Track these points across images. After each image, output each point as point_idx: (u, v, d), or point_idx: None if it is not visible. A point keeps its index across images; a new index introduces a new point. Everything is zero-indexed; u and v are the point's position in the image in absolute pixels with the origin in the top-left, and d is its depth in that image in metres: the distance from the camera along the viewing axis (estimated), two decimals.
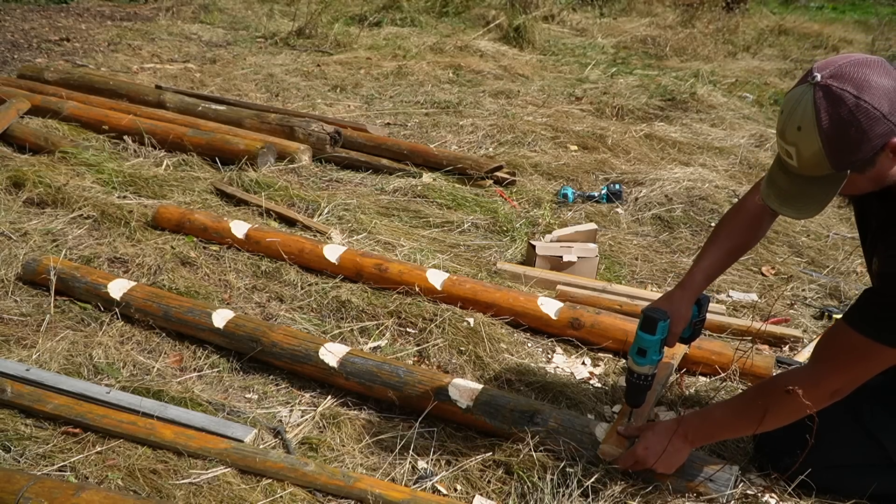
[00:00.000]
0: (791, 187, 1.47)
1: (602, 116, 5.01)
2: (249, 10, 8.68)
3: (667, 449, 1.68)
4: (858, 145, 1.36)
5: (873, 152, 1.37)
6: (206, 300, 2.49)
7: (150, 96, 4.49)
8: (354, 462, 1.83)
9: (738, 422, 1.69)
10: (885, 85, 1.34)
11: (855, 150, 1.37)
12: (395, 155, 3.92)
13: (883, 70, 1.36)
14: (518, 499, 1.73)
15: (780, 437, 1.80)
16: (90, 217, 3.06)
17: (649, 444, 1.70)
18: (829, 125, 1.35)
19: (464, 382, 1.97)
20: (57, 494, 1.53)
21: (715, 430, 1.71)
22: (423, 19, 8.25)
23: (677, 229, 3.33)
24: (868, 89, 1.34)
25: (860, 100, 1.34)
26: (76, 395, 1.96)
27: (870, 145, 1.36)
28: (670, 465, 1.69)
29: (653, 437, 1.71)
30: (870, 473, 1.73)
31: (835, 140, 1.36)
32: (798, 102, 1.39)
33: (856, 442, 1.72)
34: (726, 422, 1.70)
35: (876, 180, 1.44)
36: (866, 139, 1.35)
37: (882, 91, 1.34)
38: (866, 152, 1.37)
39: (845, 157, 1.38)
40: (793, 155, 1.42)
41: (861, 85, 1.34)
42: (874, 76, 1.35)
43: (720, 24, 8.34)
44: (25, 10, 7.83)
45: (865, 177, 1.42)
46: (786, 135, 1.42)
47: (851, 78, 1.35)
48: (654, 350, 1.70)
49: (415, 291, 2.53)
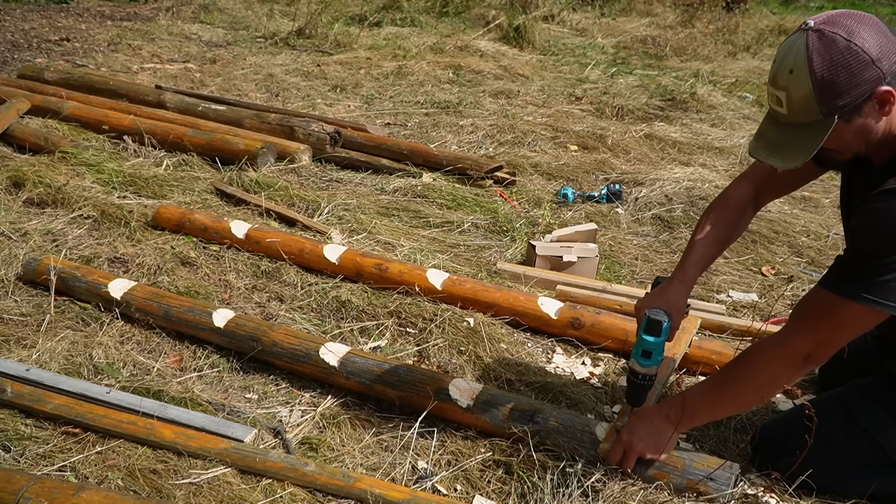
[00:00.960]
0: (779, 137, 1.49)
1: (602, 116, 5.01)
2: (249, 10, 8.68)
3: (650, 430, 1.69)
4: (847, 89, 1.39)
5: (861, 98, 1.40)
6: (206, 300, 2.49)
7: (150, 96, 4.49)
8: (354, 462, 1.83)
9: (717, 396, 1.68)
10: (875, 34, 1.39)
11: (843, 94, 1.39)
12: (395, 155, 3.92)
13: (873, 23, 1.41)
14: (518, 499, 1.73)
15: (780, 437, 1.81)
16: (90, 217, 3.06)
17: (633, 428, 1.71)
18: (821, 66, 1.38)
19: (464, 382, 1.97)
20: (57, 494, 1.53)
21: (696, 407, 1.69)
22: (423, 19, 8.25)
23: (677, 229, 3.33)
24: (858, 35, 1.38)
25: (851, 43, 1.37)
26: (76, 395, 1.96)
27: (858, 90, 1.39)
28: (656, 448, 1.69)
29: (636, 421, 1.72)
30: (869, 473, 1.73)
31: (824, 82, 1.38)
32: (790, 48, 1.43)
33: (853, 442, 1.72)
34: (706, 396, 1.70)
35: (861, 134, 1.45)
36: (854, 84, 1.38)
37: (872, 38, 1.38)
38: (854, 97, 1.39)
39: (833, 101, 1.40)
40: (783, 101, 1.44)
41: (852, 30, 1.38)
42: (865, 25, 1.39)
43: (720, 24, 8.34)
44: (25, 10, 7.83)
45: (851, 128, 1.44)
46: (777, 80, 1.44)
47: (843, 24, 1.39)
48: (658, 351, 1.70)
49: (415, 291, 2.53)
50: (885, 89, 1.39)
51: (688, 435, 1.98)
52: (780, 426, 1.89)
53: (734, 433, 1.97)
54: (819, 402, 1.78)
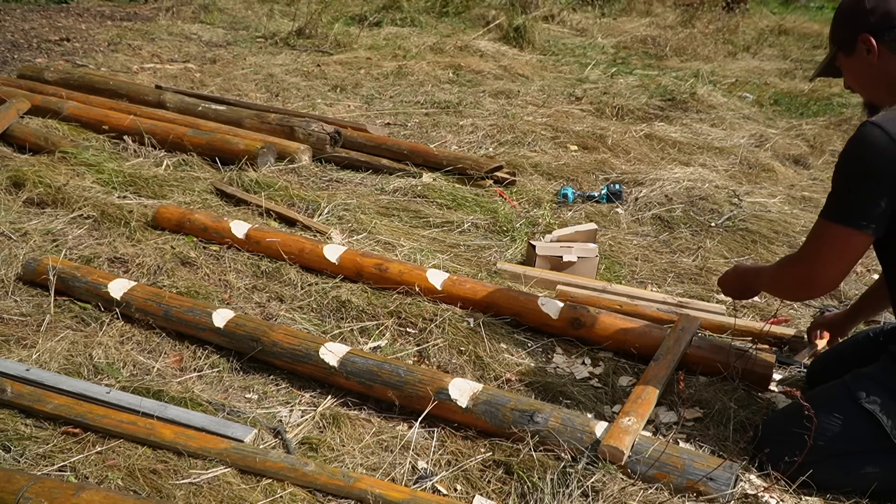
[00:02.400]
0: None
1: (602, 116, 5.02)
2: (249, 10, 8.68)
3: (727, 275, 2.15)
4: (845, 24, 1.77)
5: (853, 35, 1.73)
6: (206, 300, 2.49)
7: (150, 96, 4.49)
8: (354, 462, 1.83)
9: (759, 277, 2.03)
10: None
11: (842, 27, 1.78)
12: (395, 155, 3.92)
13: None
14: (518, 499, 1.73)
15: (781, 426, 1.83)
16: (90, 217, 3.06)
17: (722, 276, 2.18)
18: (839, 7, 1.81)
19: (464, 382, 1.97)
20: (57, 494, 1.53)
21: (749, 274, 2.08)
22: (423, 19, 8.26)
23: (677, 229, 3.33)
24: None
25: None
26: (76, 395, 1.96)
27: (850, 28, 1.74)
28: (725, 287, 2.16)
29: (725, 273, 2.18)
30: (870, 461, 1.74)
31: (835, 19, 1.81)
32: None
33: (853, 423, 1.74)
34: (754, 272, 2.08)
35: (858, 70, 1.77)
36: (847, 24, 1.76)
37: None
38: (847, 33, 1.75)
39: (836, 33, 1.80)
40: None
41: None
42: None
43: (720, 24, 8.35)
44: (25, 10, 7.83)
45: (851, 62, 1.77)
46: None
47: None
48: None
49: (415, 291, 2.53)
50: (864, 35, 1.71)
51: (687, 435, 1.99)
52: (780, 416, 1.92)
53: (734, 433, 1.98)
54: (821, 388, 1.88)
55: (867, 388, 1.74)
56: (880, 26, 1.69)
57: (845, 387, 1.78)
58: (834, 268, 1.72)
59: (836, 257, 1.70)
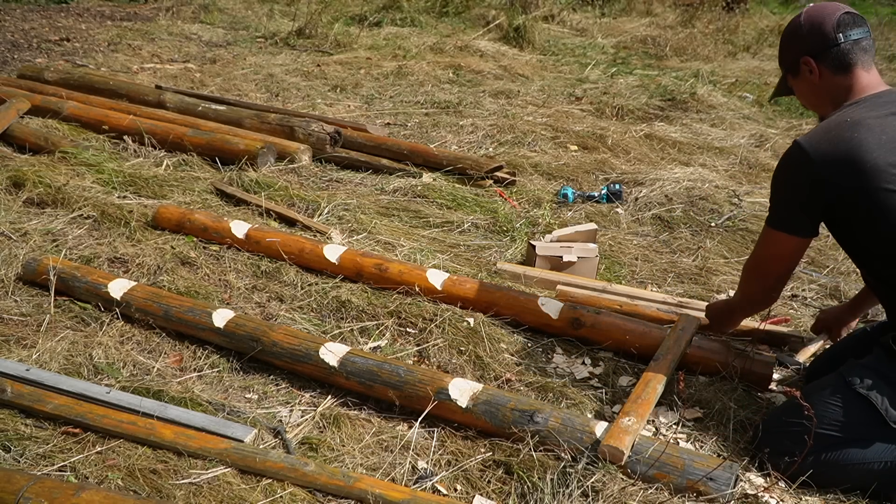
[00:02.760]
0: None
1: (602, 116, 5.02)
2: (249, 10, 8.68)
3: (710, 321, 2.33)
4: (787, 48, 1.94)
5: (796, 58, 1.89)
6: (206, 300, 2.49)
7: (150, 96, 4.49)
8: (354, 462, 1.83)
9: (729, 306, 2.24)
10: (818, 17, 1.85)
11: (786, 52, 1.95)
12: (395, 155, 3.92)
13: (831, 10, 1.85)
14: (518, 499, 1.73)
15: (780, 420, 1.84)
16: (90, 217, 3.06)
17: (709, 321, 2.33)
18: (783, 31, 1.97)
19: (464, 382, 1.97)
20: (57, 494, 1.53)
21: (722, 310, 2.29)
22: (423, 19, 8.25)
23: (677, 229, 3.33)
24: (809, 13, 1.88)
25: (800, 17, 1.90)
26: (76, 395, 1.96)
27: (792, 52, 1.91)
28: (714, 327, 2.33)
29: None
30: (870, 449, 1.75)
31: (781, 41, 1.97)
32: None
33: (849, 408, 1.77)
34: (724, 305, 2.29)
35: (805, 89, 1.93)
36: (791, 47, 1.92)
37: (813, 18, 1.86)
38: (790, 56, 1.92)
39: (782, 56, 1.97)
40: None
41: (810, 9, 1.89)
42: (818, 9, 1.88)
43: (720, 24, 8.34)
44: (25, 10, 7.83)
45: (797, 82, 1.94)
46: None
47: (812, 6, 1.90)
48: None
49: (415, 291, 2.53)
50: (805, 58, 1.87)
51: (687, 434, 1.99)
52: (779, 411, 1.93)
53: (734, 433, 1.98)
54: (817, 381, 1.94)
55: (860, 374, 1.78)
56: (817, 48, 1.84)
57: (839, 375, 1.83)
58: (775, 270, 1.95)
59: (775, 259, 1.92)
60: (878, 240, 1.77)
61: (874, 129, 1.72)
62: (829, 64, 1.84)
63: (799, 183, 1.79)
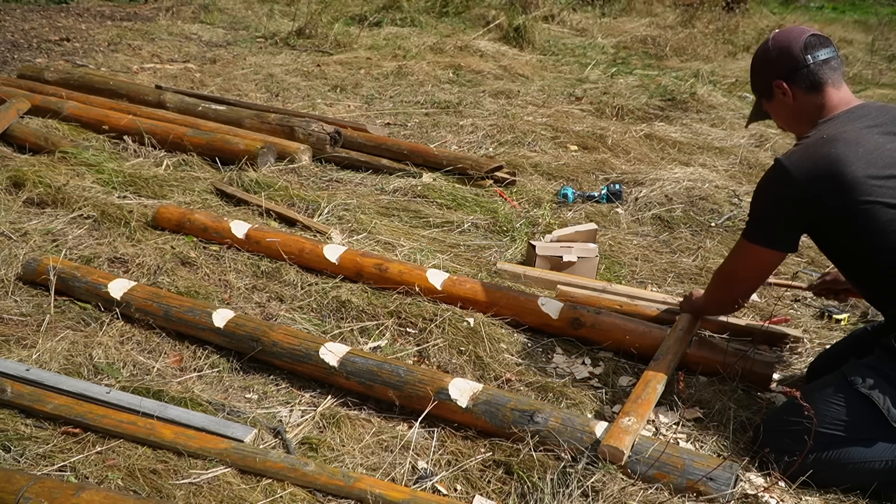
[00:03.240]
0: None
1: (602, 116, 5.02)
2: (249, 10, 8.68)
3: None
4: (759, 74, 2.00)
5: (767, 84, 1.95)
6: (206, 300, 2.49)
7: (150, 96, 4.49)
8: (354, 462, 1.83)
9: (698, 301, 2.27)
10: (785, 41, 1.90)
11: (758, 77, 2.00)
12: (395, 155, 3.92)
13: (797, 34, 1.90)
14: (518, 499, 1.73)
15: (781, 420, 1.84)
16: (90, 217, 3.06)
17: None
18: (753, 56, 2.02)
19: (464, 382, 1.97)
20: (57, 494, 1.53)
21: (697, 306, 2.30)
22: (423, 19, 8.26)
23: (677, 229, 3.33)
24: (775, 39, 1.94)
25: (767, 44, 1.95)
26: (76, 395, 1.96)
27: (763, 77, 1.97)
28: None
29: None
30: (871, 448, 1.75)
31: (751, 67, 2.03)
32: None
33: (851, 407, 1.77)
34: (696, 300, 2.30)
35: (780, 112, 1.98)
36: (762, 73, 1.98)
37: (780, 43, 1.91)
38: (763, 82, 1.97)
39: (754, 81, 2.03)
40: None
41: (776, 35, 1.95)
42: (785, 34, 1.93)
43: (720, 24, 8.34)
44: (25, 10, 7.83)
45: (772, 105, 1.99)
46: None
47: (776, 33, 1.96)
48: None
49: (415, 291, 2.53)
50: (777, 82, 1.91)
51: (687, 434, 1.99)
52: (780, 410, 1.93)
53: (734, 433, 1.98)
54: (819, 380, 1.95)
55: (862, 373, 1.79)
56: (788, 71, 1.89)
57: (841, 374, 1.83)
58: (748, 281, 2.01)
59: (749, 271, 1.98)
60: (864, 250, 1.79)
61: (850, 142, 1.76)
62: (801, 85, 1.89)
63: (782, 201, 1.83)
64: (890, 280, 1.80)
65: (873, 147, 1.75)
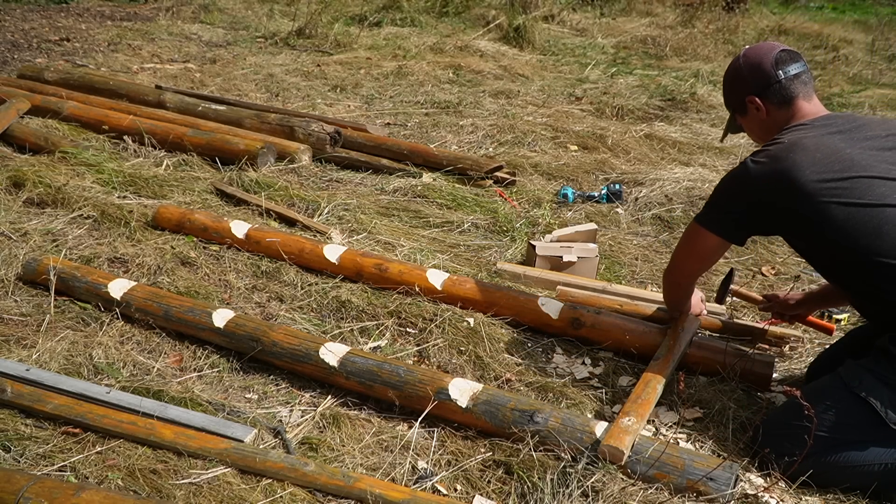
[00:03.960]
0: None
1: (602, 116, 5.02)
2: (249, 10, 8.68)
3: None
4: (731, 91, 2.04)
5: (740, 99, 2.00)
6: (206, 300, 2.49)
7: (150, 96, 4.49)
8: (354, 462, 1.83)
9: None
10: (756, 58, 1.95)
11: (731, 94, 2.05)
12: (395, 155, 3.92)
13: (767, 49, 1.95)
14: (518, 499, 1.73)
15: (781, 421, 1.84)
16: (90, 217, 3.06)
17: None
18: (725, 72, 2.07)
19: (464, 382, 1.97)
20: (57, 494, 1.53)
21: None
22: (423, 19, 8.25)
23: (677, 229, 3.33)
24: (746, 56, 1.99)
25: (738, 60, 2.00)
26: (76, 395, 1.96)
27: (736, 93, 2.01)
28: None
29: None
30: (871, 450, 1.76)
31: (724, 84, 2.08)
32: None
33: (850, 409, 1.77)
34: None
35: (754, 126, 2.03)
36: (735, 89, 2.02)
37: (751, 59, 1.96)
38: (736, 98, 2.02)
39: (727, 97, 2.08)
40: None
41: (746, 52, 2.00)
42: (755, 50, 1.98)
43: (720, 24, 8.34)
44: (25, 10, 7.83)
45: (746, 120, 2.04)
46: None
47: (746, 50, 2.01)
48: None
49: (415, 291, 2.53)
50: (750, 97, 1.96)
51: (687, 434, 1.99)
52: (780, 411, 1.94)
53: (734, 433, 1.98)
54: (816, 382, 1.96)
55: (859, 376, 1.79)
56: (760, 87, 1.94)
57: (838, 377, 1.83)
58: (691, 261, 2.08)
59: (692, 252, 2.05)
60: (832, 251, 1.83)
61: (808, 148, 1.81)
62: (773, 100, 1.94)
63: (738, 197, 1.92)
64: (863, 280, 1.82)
65: (831, 152, 1.79)
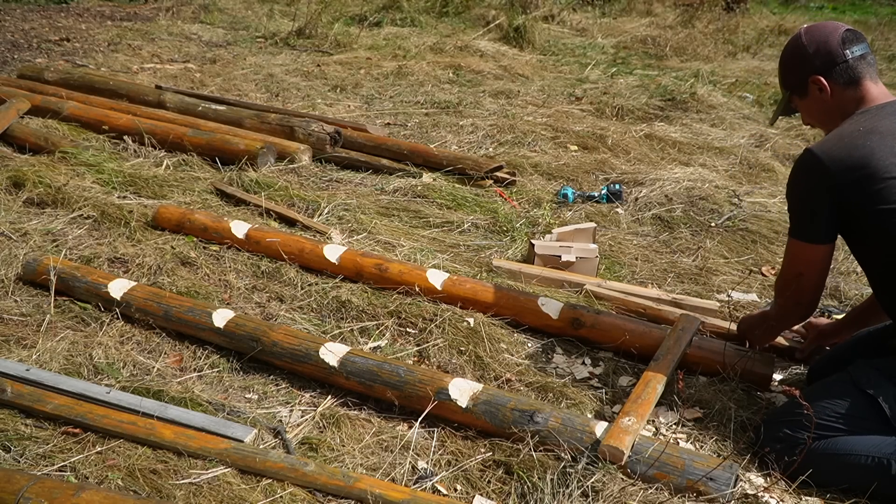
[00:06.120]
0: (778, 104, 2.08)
1: (602, 116, 5.01)
2: (249, 10, 8.68)
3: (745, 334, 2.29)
4: (793, 70, 1.93)
5: (801, 80, 1.90)
6: (206, 300, 2.49)
7: (150, 96, 4.49)
8: (354, 462, 1.83)
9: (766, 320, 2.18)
10: (822, 36, 1.87)
11: (791, 74, 1.94)
12: (395, 155, 3.92)
13: (832, 28, 1.87)
14: (518, 499, 1.73)
15: (783, 414, 1.84)
16: (90, 217, 3.06)
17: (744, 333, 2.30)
18: (783, 54, 1.97)
19: (464, 382, 1.97)
20: (57, 494, 1.53)
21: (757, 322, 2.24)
22: (423, 19, 8.25)
23: (677, 229, 3.33)
24: (809, 34, 1.89)
25: (801, 39, 1.90)
26: (76, 395, 1.96)
27: (798, 73, 1.91)
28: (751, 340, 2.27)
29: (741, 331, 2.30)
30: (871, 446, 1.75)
31: (783, 63, 1.97)
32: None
33: (854, 403, 1.77)
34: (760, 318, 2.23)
35: (814, 108, 1.93)
36: (797, 68, 1.91)
37: (815, 38, 1.87)
38: (797, 78, 1.92)
39: (787, 78, 1.97)
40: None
41: (808, 29, 1.91)
42: (819, 28, 1.90)
43: (720, 24, 8.34)
44: (25, 10, 7.83)
45: (807, 102, 1.93)
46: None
47: (806, 28, 1.92)
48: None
49: (415, 291, 2.53)
50: (815, 77, 1.87)
51: (687, 434, 1.99)
52: (780, 412, 1.94)
53: (734, 433, 1.98)
54: (823, 380, 1.97)
55: (868, 374, 1.79)
56: (826, 66, 1.86)
57: (847, 374, 1.83)
58: (806, 279, 1.92)
59: (803, 268, 1.91)
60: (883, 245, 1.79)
61: (886, 136, 1.76)
62: (839, 80, 1.86)
63: (813, 190, 1.81)
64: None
65: None
